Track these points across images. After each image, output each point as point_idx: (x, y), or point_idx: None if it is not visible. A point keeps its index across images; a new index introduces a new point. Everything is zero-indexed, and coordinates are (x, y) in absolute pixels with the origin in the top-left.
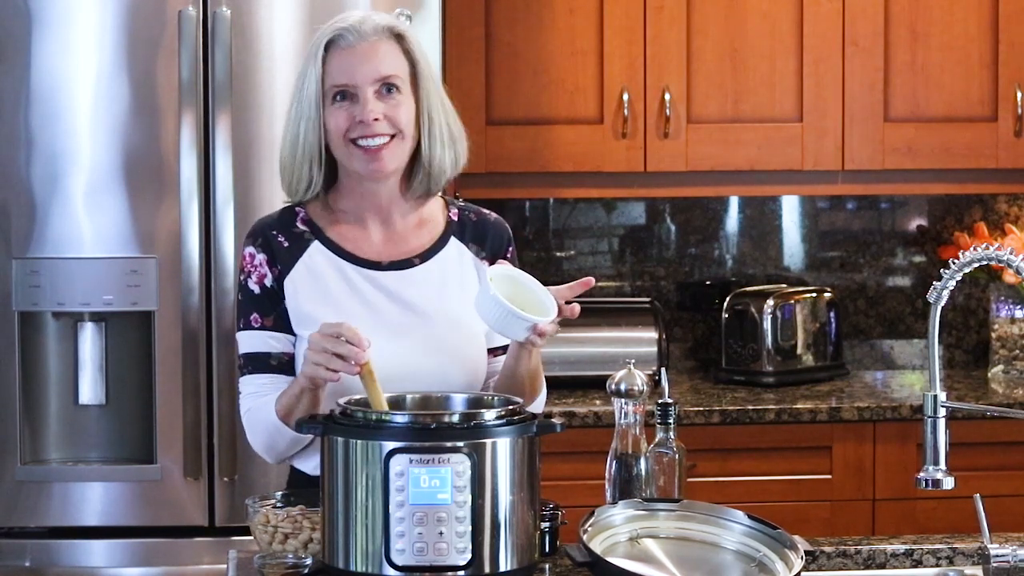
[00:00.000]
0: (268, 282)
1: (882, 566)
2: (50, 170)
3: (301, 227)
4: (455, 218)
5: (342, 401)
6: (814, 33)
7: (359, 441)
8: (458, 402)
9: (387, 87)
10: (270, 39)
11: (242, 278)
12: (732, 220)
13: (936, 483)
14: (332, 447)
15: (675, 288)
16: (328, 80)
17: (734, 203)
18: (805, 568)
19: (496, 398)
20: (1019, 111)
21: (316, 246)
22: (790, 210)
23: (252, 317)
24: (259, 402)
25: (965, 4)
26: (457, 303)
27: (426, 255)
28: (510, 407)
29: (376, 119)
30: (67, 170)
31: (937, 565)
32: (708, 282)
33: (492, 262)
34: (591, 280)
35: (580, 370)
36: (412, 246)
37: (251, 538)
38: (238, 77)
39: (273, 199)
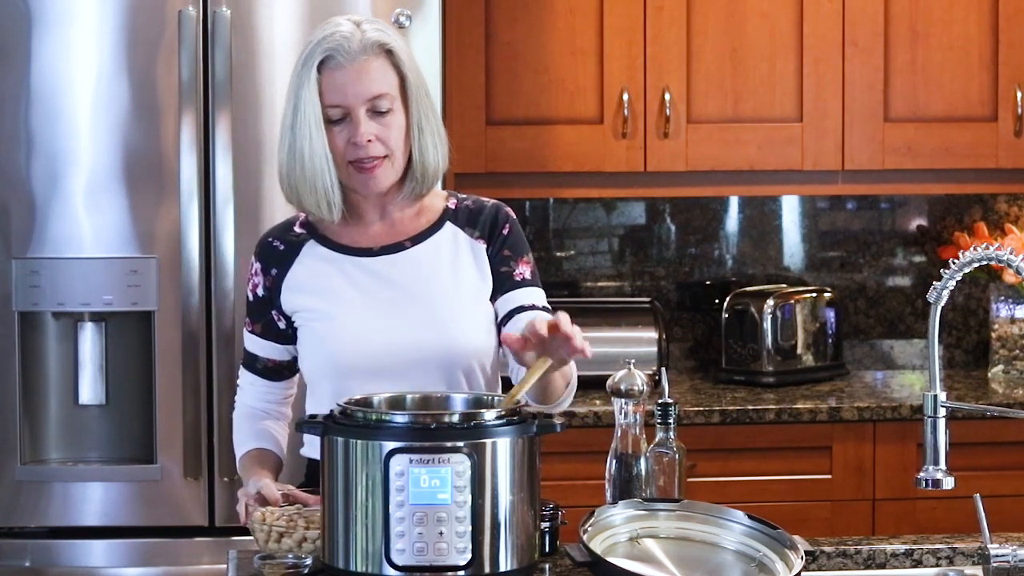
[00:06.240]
0: (260, 291)
1: (882, 566)
2: (50, 170)
3: (299, 230)
4: (452, 206)
5: (342, 401)
6: (814, 33)
7: (359, 441)
8: (458, 402)
9: (378, 107)
10: (270, 39)
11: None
12: (732, 220)
13: (936, 483)
14: (332, 447)
15: (675, 288)
16: (322, 100)
17: (734, 203)
18: (805, 568)
19: (496, 398)
20: (1019, 111)
21: (311, 245)
22: (790, 210)
23: (247, 320)
24: (241, 422)
25: (965, 4)
26: (449, 281)
27: (418, 238)
28: (510, 407)
29: (369, 140)
30: (67, 170)
31: (937, 565)
32: (708, 282)
33: (487, 241)
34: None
35: (580, 370)
36: (407, 231)
37: (251, 538)
38: (238, 77)
39: (273, 199)
